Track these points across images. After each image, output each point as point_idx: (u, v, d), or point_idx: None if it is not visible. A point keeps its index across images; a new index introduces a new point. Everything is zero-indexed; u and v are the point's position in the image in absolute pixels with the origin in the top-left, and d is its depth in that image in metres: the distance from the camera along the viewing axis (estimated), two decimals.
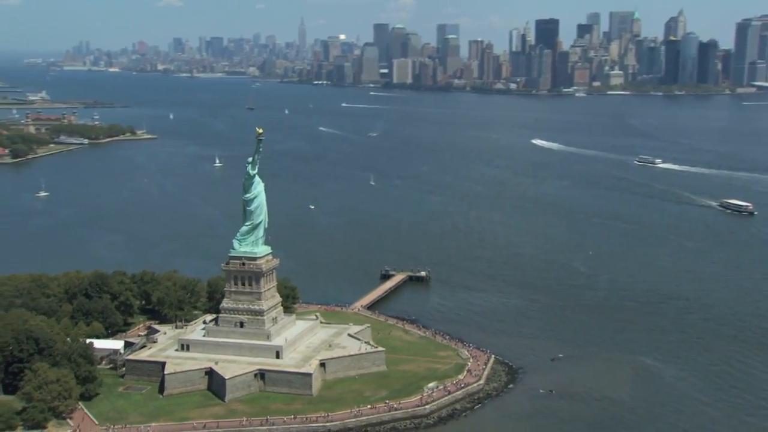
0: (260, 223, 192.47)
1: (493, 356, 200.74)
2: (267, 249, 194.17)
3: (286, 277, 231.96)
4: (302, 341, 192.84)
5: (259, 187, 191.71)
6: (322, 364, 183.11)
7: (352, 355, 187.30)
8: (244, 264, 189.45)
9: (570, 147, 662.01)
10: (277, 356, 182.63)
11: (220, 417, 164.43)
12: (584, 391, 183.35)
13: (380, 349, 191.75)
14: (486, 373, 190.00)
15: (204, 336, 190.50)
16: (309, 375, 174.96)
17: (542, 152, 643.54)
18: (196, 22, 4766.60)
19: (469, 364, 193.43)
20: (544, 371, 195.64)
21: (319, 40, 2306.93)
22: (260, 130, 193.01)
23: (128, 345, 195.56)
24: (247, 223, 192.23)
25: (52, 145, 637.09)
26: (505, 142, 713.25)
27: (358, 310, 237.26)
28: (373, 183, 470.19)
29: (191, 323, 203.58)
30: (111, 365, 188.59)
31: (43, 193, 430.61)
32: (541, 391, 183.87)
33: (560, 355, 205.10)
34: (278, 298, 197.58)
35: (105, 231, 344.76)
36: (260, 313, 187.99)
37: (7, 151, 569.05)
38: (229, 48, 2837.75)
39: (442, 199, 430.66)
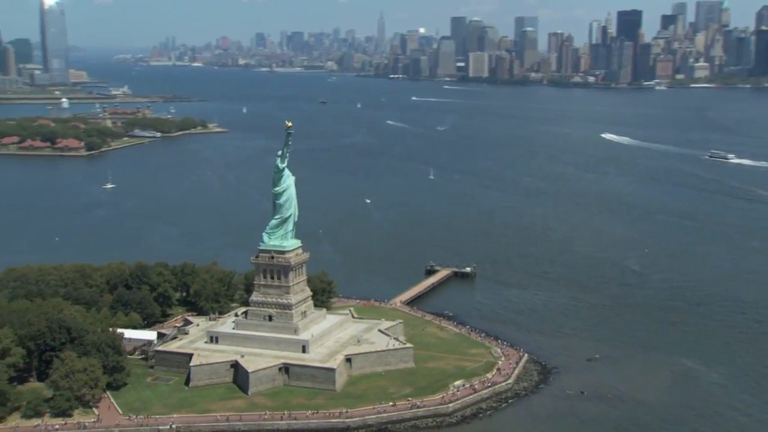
0: (290, 216, 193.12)
1: (526, 355, 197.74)
2: (296, 243, 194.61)
3: (323, 271, 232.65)
4: (331, 336, 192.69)
5: (288, 181, 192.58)
6: (348, 360, 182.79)
7: (379, 351, 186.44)
8: (273, 257, 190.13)
9: (641, 141, 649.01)
10: (303, 350, 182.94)
11: (241, 410, 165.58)
12: (615, 394, 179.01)
13: (408, 345, 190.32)
14: (516, 372, 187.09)
15: (233, 329, 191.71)
16: (332, 370, 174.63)
17: (611, 147, 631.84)
18: (279, 17, 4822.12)
19: (500, 362, 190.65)
20: (578, 372, 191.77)
21: (398, 34, 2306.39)
22: (289, 123, 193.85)
23: (161, 336, 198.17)
24: (276, 217, 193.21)
25: (125, 138, 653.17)
26: (575, 136, 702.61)
27: (397, 305, 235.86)
28: (432, 177, 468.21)
29: (224, 316, 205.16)
30: (143, 356, 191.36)
31: (109, 185, 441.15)
32: (569, 392, 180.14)
33: (597, 356, 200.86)
34: (308, 292, 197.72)
35: (162, 223, 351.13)
36: (288, 306, 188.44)
37: (82, 143, 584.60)
38: (309, 42, 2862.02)
39: (500, 194, 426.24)
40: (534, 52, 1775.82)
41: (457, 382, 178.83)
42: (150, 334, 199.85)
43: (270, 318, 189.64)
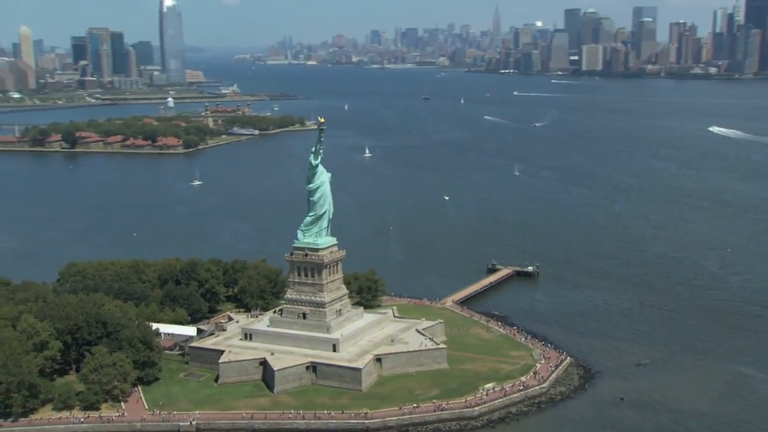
0: (324, 213, 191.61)
1: (569, 358, 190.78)
2: (331, 240, 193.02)
3: (371, 270, 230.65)
4: (365, 335, 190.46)
5: (322, 177, 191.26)
6: (378, 360, 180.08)
7: (411, 352, 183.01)
8: (306, 255, 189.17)
9: (754, 135, 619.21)
10: (334, 349, 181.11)
11: (264, 408, 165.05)
12: (659, 401, 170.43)
13: (441, 346, 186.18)
14: (554, 375, 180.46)
15: (268, 326, 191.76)
16: (359, 370, 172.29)
17: (718, 141, 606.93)
18: (395, 14, 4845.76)
19: (538, 365, 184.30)
20: (623, 377, 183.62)
21: (514, 28, 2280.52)
22: (322, 120, 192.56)
23: (200, 332, 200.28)
24: (310, 214, 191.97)
25: (224, 136, 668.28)
26: (680, 130, 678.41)
27: (448, 305, 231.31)
28: (517, 173, 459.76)
29: (265, 313, 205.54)
30: (181, 351, 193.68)
31: (197, 182, 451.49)
32: (607, 398, 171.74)
33: (647, 361, 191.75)
34: (344, 290, 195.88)
35: (237, 219, 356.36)
36: (321, 305, 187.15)
37: (180, 141, 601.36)
38: (423, 38, 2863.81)
39: (586, 191, 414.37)
40: (652, 43, 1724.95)
41: (488, 385, 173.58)
42: (190, 330, 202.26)
43: (304, 316, 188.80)
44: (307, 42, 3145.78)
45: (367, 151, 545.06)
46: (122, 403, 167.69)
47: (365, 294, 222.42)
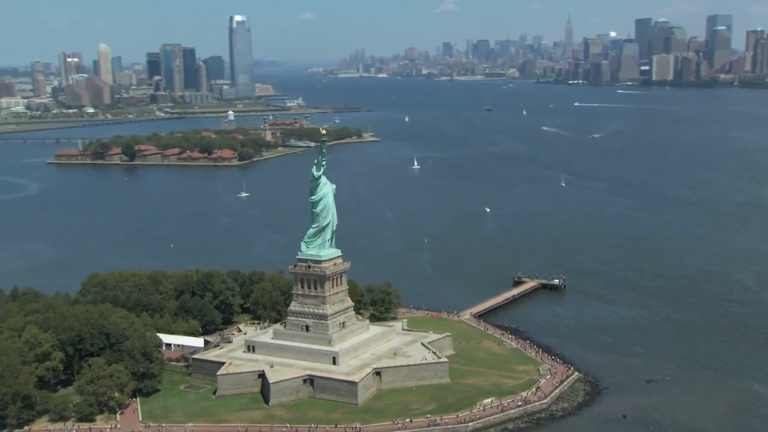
0: (327, 225, 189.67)
1: (576, 373, 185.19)
2: (335, 252, 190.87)
3: (387, 282, 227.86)
4: (368, 348, 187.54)
5: (325, 189, 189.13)
6: (378, 373, 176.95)
7: (411, 365, 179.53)
8: (309, 267, 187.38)
9: None
10: (334, 362, 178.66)
11: (258, 421, 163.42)
12: (664, 419, 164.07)
13: (443, 360, 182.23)
14: (558, 391, 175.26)
15: (272, 338, 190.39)
16: (354, 383, 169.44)
17: None
18: (467, 26, 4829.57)
19: (542, 380, 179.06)
20: (631, 393, 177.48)
21: (585, 39, 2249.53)
22: (323, 131, 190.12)
23: (207, 344, 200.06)
24: (313, 226, 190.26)
25: (280, 149, 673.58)
26: (743, 140, 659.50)
27: (467, 317, 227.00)
28: (564, 185, 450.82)
29: (273, 325, 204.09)
30: (186, 363, 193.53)
31: (244, 194, 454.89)
32: (611, 415, 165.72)
33: (658, 377, 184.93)
34: (348, 303, 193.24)
35: (275, 231, 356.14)
36: (324, 317, 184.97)
37: (235, 154, 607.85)
38: (495, 50, 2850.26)
39: (632, 203, 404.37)
40: (725, 52, 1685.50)
41: (486, 400, 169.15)
42: (197, 342, 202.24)
43: (307, 328, 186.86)
44: (379, 55, 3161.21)
45: (415, 163, 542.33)
46: (118, 414, 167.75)
47: (378, 306, 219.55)
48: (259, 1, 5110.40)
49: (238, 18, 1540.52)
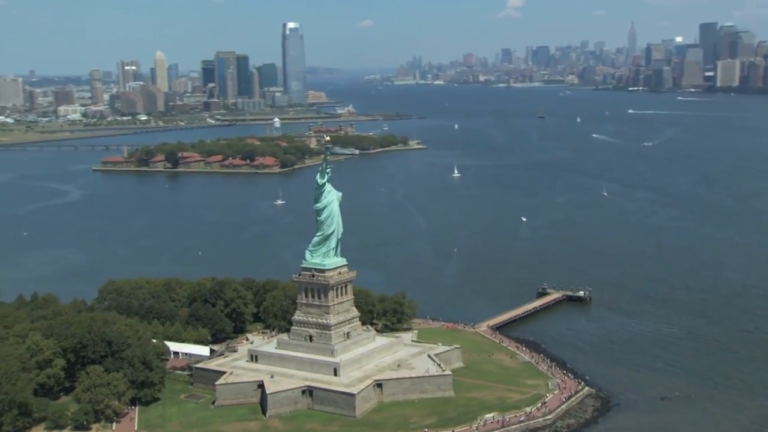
0: (332, 233, 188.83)
1: (586, 389, 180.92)
2: (339, 261, 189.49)
3: (401, 292, 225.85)
4: (372, 359, 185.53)
5: (329, 197, 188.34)
6: (379, 385, 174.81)
7: (413, 378, 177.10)
8: (313, 276, 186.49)
9: None
10: (335, 373, 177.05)
11: None
12: None
13: (447, 372, 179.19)
14: (564, 406, 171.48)
15: (275, 348, 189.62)
16: (352, 395, 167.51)
17: None
18: (527, 32, 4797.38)
19: (550, 395, 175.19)
20: (642, 411, 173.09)
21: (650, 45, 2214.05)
22: (328, 138, 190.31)
23: (213, 353, 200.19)
24: (318, 234, 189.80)
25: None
26: None
27: (484, 329, 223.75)
28: (605, 194, 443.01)
29: (281, 334, 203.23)
30: (190, 372, 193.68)
31: (279, 201, 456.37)
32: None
33: (676, 393, 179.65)
34: (354, 313, 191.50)
35: (305, 239, 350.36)
36: (327, 327, 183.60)
37: (277, 161, 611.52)
38: (555, 56, 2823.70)
39: (676, 213, 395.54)
40: None
41: (488, 415, 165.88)
42: (204, 350, 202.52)
43: (310, 338, 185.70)
44: (436, 62, 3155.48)
45: (455, 171, 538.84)
46: (114, 423, 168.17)
47: (390, 317, 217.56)
48: (318, 9, 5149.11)
49: (291, 25, 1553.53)
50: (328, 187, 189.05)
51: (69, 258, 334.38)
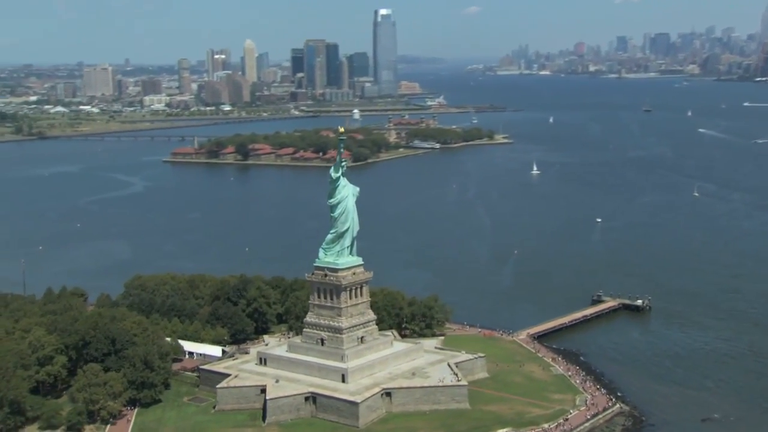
0: (346, 231, 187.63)
1: (620, 406, 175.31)
2: (354, 260, 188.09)
3: (433, 296, 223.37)
4: (386, 366, 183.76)
5: (344, 192, 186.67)
6: (388, 394, 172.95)
7: (425, 387, 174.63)
8: (326, 275, 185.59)
9: None
10: (343, 380, 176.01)
11: None
12: None
13: (462, 383, 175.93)
14: (588, 424, 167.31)
15: (286, 351, 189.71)
16: (356, 404, 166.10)
17: None
18: (646, 18, 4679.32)
19: (575, 411, 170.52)
20: None
21: None
22: (341, 129, 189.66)
23: (225, 354, 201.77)
24: (332, 231, 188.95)
25: (401, 150, 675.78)
26: None
27: (522, 338, 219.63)
28: (696, 194, 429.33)
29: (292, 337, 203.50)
30: (198, 373, 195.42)
31: None
32: None
33: (716, 416, 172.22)
34: (370, 316, 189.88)
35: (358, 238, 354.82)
36: (339, 330, 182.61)
37: (348, 155, 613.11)
38: (676, 44, 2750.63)
39: None
40: None
41: (501, 431, 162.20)
42: (216, 351, 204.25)
43: (322, 342, 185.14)
44: (544, 50, 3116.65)
45: (535, 168, 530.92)
46: (108, 425, 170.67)
47: (418, 321, 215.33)
48: None
49: (383, 12, 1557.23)
50: (343, 181, 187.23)
51: (114, 251, 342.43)
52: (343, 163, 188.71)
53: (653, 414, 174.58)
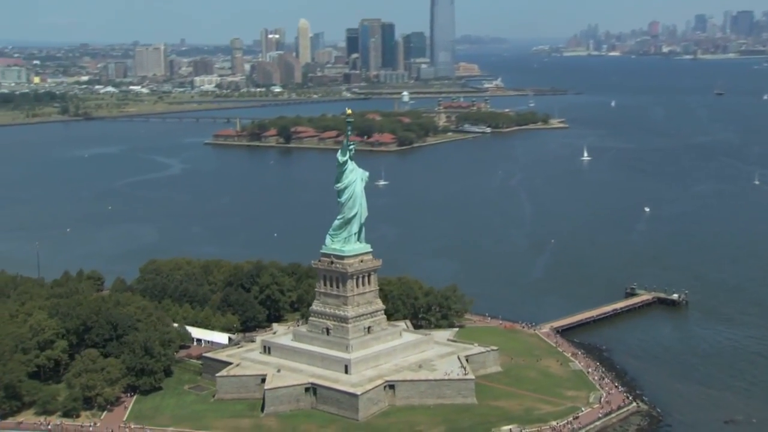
0: (354, 217, 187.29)
1: (635, 404, 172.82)
2: (362, 247, 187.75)
3: (452, 285, 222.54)
4: (393, 357, 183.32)
5: (351, 176, 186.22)
6: (391, 387, 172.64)
7: (430, 381, 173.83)
8: (332, 263, 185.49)
9: None
10: (346, 371, 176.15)
11: (242, 430, 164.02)
12: None
13: (469, 377, 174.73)
14: (600, 423, 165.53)
15: (291, 340, 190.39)
16: (355, 396, 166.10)
17: None
18: None
19: (587, 409, 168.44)
20: None
21: None
22: (349, 111, 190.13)
23: (231, 341, 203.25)
24: (339, 217, 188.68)
25: (450, 134, 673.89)
26: None
27: (545, 331, 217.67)
28: (757, 183, 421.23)
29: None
30: (202, 361, 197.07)
31: (382, 182, 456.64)
32: None
33: (739, 418, 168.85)
34: (378, 305, 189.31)
35: (392, 224, 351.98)
36: (345, 320, 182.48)
37: (393, 138, 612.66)
38: (760, 23, 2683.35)
39: None
40: None
41: (505, 428, 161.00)
42: (223, 338, 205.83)
43: (327, 331, 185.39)
44: (616, 30, 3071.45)
45: (585, 154, 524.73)
46: (105, 412, 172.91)
47: (434, 312, 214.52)
48: None
49: None
50: (351, 165, 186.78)
51: (139, 235, 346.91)
52: (351, 147, 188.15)
53: (672, 414, 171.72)
